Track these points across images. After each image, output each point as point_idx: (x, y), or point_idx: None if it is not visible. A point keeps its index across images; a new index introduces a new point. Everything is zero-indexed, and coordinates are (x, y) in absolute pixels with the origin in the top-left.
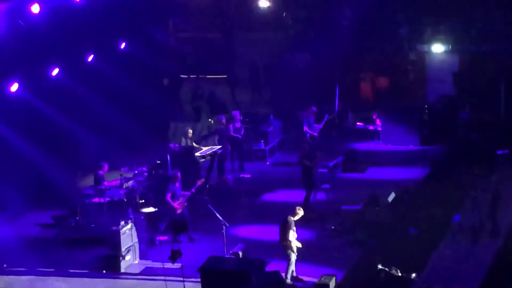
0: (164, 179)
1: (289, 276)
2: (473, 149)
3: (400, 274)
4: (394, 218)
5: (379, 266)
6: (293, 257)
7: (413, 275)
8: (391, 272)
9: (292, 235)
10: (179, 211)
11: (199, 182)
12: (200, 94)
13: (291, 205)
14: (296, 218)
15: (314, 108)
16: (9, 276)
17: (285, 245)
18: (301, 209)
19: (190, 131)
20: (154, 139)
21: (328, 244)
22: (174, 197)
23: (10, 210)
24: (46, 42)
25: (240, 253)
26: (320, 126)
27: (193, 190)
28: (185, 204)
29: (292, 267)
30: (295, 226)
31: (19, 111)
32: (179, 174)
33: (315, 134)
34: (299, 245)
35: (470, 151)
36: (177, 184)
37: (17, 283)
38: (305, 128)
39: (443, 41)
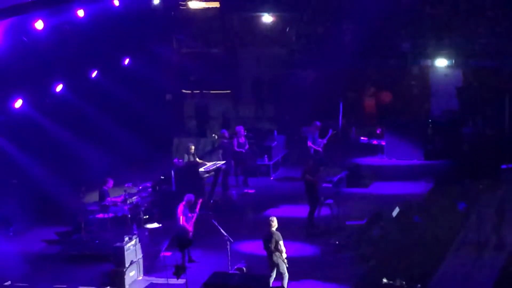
0: (168, 194)
1: None
2: (477, 164)
3: (406, 286)
4: (399, 233)
5: (384, 280)
6: (285, 268)
7: (418, 286)
8: (396, 285)
9: (283, 246)
10: (191, 233)
11: (200, 201)
12: (204, 110)
13: (295, 220)
14: (275, 228)
15: (318, 123)
16: None
17: (276, 259)
18: (273, 218)
19: (192, 147)
20: (158, 155)
21: (332, 259)
22: (187, 220)
23: (15, 226)
24: (50, 58)
25: (244, 269)
26: (324, 141)
27: (197, 210)
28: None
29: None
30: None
31: (24, 127)
32: (193, 197)
33: (319, 149)
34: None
35: (474, 165)
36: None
37: None
38: (309, 143)
39: (446, 56)
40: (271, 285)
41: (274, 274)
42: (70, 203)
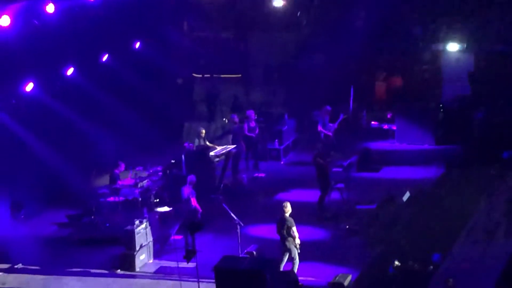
0: (178, 178)
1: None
2: (488, 149)
3: (417, 268)
4: (409, 217)
5: (396, 263)
6: (297, 253)
7: (430, 267)
8: (407, 267)
9: (296, 231)
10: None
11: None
12: (215, 94)
13: (306, 205)
14: (289, 213)
15: (328, 108)
16: (25, 275)
17: (289, 244)
18: (287, 204)
19: (203, 131)
20: (169, 139)
21: (343, 243)
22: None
23: (26, 209)
24: (61, 42)
25: (255, 253)
26: (335, 125)
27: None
28: None
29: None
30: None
31: (34, 111)
32: (194, 178)
33: (330, 133)
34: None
35: (485, 151)
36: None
37: (32, 282)
38: (320, 128)
39: (458, 40)
40: (282, 269)
41: (285, 259)
42: (81, 187)
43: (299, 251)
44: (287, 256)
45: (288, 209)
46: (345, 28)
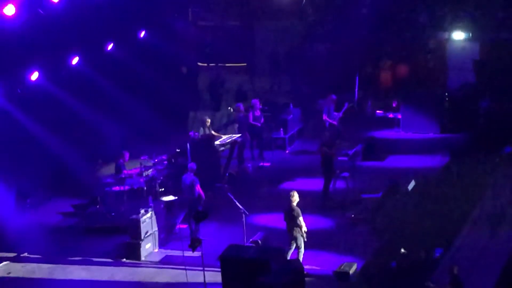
0: (183, 167)
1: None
2: (493, 137)
3: (423, 256)
4: (414, 206)
5: (402, 250)
6: (303, 242)
7: (437, 255)
8: (413, 255)
9: (303, 221)
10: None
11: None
12: (220, 83)
13: (311, 193)
14: (296, 203)
15: (333, 96)
16: (30, 264)
17: (296, 233)
18: (294, 193)
19: (208, 120)
20: (174, 128)
21: (348, 232)
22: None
23: (31, 198)
24: (66, 31)
25: (260, 241)
26: (340, 114)
27: None
28: None
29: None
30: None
31: (40, 100)
32: (195, 165)
33: (335, 122)
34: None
35: (490, 139)
36: None
37: (38, 271)
38: (325, 117)
39: (463, 29)
40: (289, 258)
41: (293, 247)
42: (86, 176)
43: (305, 240)
44: (294, 245)
45: (295, 198)
46: (350, 16)
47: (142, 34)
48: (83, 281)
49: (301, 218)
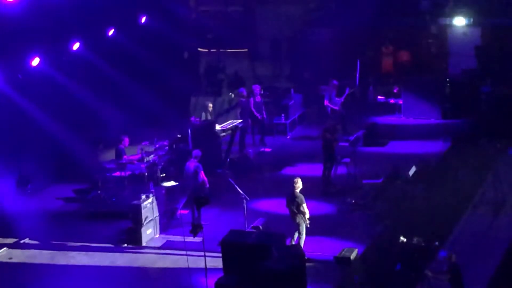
0: (185, 153)
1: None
2: (495, 123)
3: (423, 244)
4: (415, 192)
5: (401, 238)
6: (305, 228)
7: (436, 243)
8: (413, 242)
9: (306, 208)
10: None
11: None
12: (221, 68)
13: (312, 179)
14: (299, 189)
15: (335, 82)
16: (31, 250)
17: (298, 219)
18: (298, 180)
19: (210, 105)
20: (175, 113)
21: (349, 218)
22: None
23: (32, 184)
24: (67, 16)
25: (261, 227)
26: (341, 99)
27: None
28: None
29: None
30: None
31: (41, 86)
32: (199, 152)
33: (336, 108)
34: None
35: (492, 124)
36: None
37: (39, 256)
38: (326, 102)
39: (464, 14)
40: (297, 244)
41: (296, 234)
42: (87, 161)
43: (308, 226)
44: (297, 232)
45: (299, 185)
46: (353, 1)
47: (143, 19)
48: (84, 267)
49: (304, 205)
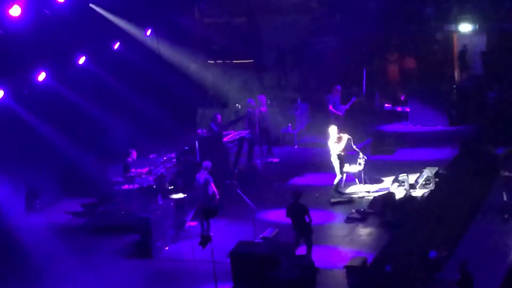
0: (192, 165)
1: None
2: (502, 129)
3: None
4: (425, 199)
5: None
6: (311, 237)
7: (444, 253)
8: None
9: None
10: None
11: None
12: (227, 79)
13: (320, 188)
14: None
15: (338, 87)
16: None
17: (308, 230)
18: (299, 191)
19: (219, 116)
20: (182, 125)
21: (358, 227)
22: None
23: (41, 199)
24: (72, 31)
25: (270, 238)
26: (346, 106)
27: None
28: None
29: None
30: None
31: (48, 100)
32: (209, 163)
33: (340, 114)
34: None
35: (499, 130)
36: None
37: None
38: (330, 107)
39: (470, 21)
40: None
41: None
42: (95, 175)
43: (312, 234)
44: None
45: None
46: (358, 9)
47: (149, 32)
48: (93, 280)
49: (308, 214)
